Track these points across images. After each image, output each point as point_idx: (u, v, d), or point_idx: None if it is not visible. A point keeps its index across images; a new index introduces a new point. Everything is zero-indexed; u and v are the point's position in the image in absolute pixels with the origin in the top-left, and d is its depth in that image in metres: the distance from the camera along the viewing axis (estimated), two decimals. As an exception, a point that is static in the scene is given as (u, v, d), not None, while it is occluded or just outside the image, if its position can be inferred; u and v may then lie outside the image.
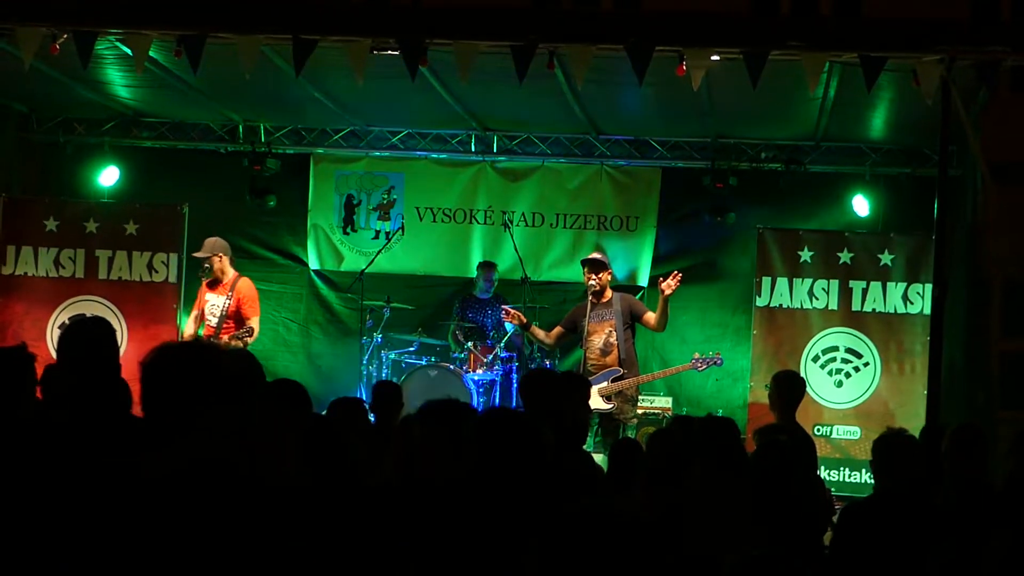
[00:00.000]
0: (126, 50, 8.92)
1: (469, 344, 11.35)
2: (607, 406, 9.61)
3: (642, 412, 10.80)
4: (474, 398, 10.92)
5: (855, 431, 10.84)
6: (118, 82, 10.79)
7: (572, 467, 4.85)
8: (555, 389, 7.18)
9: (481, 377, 11.15)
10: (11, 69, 9.52)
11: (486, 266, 12.02)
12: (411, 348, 11.61)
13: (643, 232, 12.34)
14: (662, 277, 9.79)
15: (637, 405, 10.19)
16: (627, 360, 9.77)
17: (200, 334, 10.40)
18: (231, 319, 10.35)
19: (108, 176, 12.55)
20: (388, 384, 7.89)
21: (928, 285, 9.78)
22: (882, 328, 10.96)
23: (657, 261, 12.27)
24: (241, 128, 12.55)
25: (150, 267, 11.77)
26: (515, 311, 10.54)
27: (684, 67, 8.14)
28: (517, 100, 10.23)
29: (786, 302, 11.08)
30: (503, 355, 11.24)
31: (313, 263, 12.79)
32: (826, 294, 11.03)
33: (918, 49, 7.94)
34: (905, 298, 10.92)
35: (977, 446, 5.74)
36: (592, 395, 9.60)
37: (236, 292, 10.38)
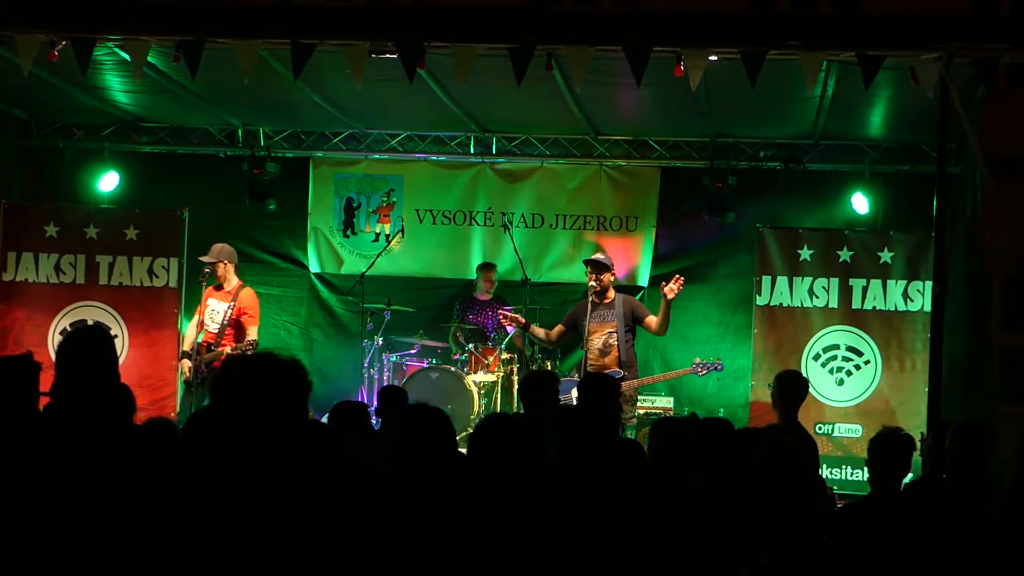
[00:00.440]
0: (125, 56, 8.93)
1: (470, 346, 11.36)
2: (607, 407, 9.61)
3: (643, 412, 10.80)
4: (475, 400, 10.93)
5: (856, 429, 10.84)
6: (117, 88, 10.80)
7: (603, 459, 4.87)
8: (557, 391, 7.24)
9: (482, 379, 11.16)
10: (10, 76, 9.53)
11: (486, 267, 12.03)
12: (412, 350, 11.61)
13: (643, 232, 12.34)
14: (664, 282, 9.78)
15: (637, 405, 10.21)
16: (627, 362, 9.77)
17: (199, 340, 10.39)
18: (231, 327, 10.33)
19: (108, 181, 12.55)
20: (394, 388, 7.94)
21: (928, 282, 9.79)
22: (882, 326, 10.96)
23: (657, 261, 12.28)
24: (240, 132, 12.56)
25: (150, 272, 11.77)
26: (512, 314, 10.55)
27: (682, 67, 8.14)
28: (516, 101, 10.23)
29: (786, 301, 11.08)
30: (504, 357, 11.25)
31: (313, 266, 12.80)
32: (826, 292, 11.03)
33: (916, 47, 7.92)
34: (905, 295, 10.91)
35: (979, 443, 5.74)
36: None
37: (239, 301, 10.36)
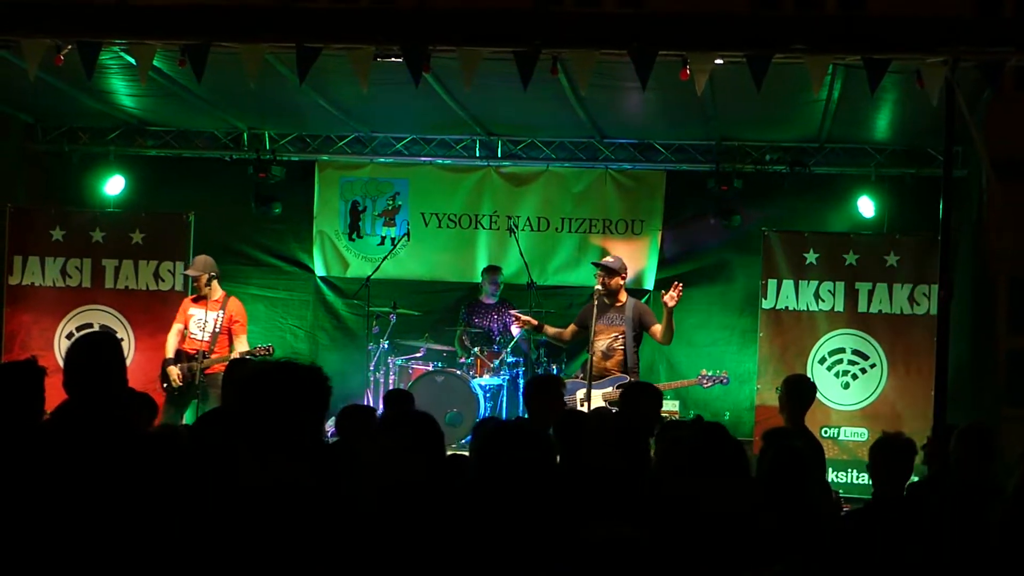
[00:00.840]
0: (130, 60, 8.95)
1: (476, 349, 11.36)
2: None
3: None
4: (481, 403, 10.93)
5: (863, 432, 10.81)
6: (123, 92, 10.82)
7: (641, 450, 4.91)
8: (560, 395, 7.24)
9: (488, 382, 11.16)
10: (16, 80, 9.56)
11: (491, 270, 12.02)
12: (418, 354, 11.60)
13: (648, 235, 12.32)
14: (664, 290, 9.76)
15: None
16: (631, 368, 9.78)
17: (185, 348, 10.54)
18: (224, 335, 10.56)
19: (114, 185, 12.56)
20: (400, 392, 7.96)
21: (934, 286, 9.76)
22: (888, 329, 10.93)
23: (662, 264, 12.25)
24: (246, 136, 12.56)
25: (156, 276, 11.78)
26: (525, 316, 10.56)
27: (688, 71, 8.15)
28: (521, 105, 10.23)
29: (792, 304, 11.06)
30: (510, 360, 11.25)
31: (319, 270, 12.79)
32: (832, 296, 11.00)
33: (922, 51, 7.92)
34: (911, 299, 10.88)
35: (983, 447, 5.74)
36: (594, 399, 9.66)
37: (228, 310, 10.59)
